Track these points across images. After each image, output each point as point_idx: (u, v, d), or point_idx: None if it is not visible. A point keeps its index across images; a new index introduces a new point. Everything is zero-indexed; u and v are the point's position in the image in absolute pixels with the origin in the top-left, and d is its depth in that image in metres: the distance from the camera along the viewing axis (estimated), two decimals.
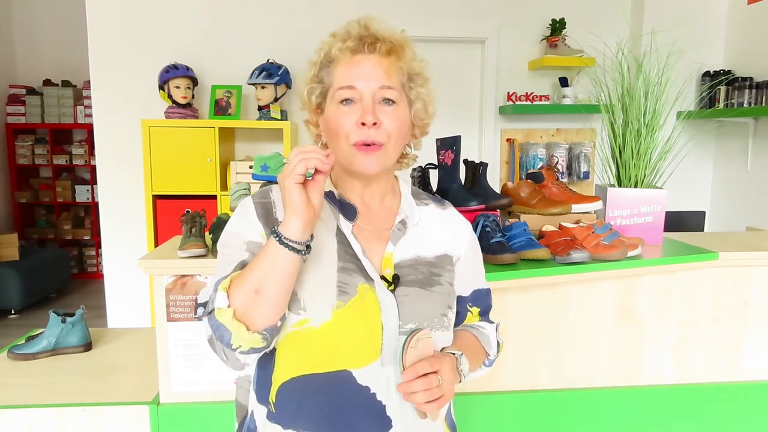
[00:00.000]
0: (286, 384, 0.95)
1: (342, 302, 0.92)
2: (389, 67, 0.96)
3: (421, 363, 0.89)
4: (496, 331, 1.15)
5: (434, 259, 1.03)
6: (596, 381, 1.82)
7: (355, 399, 0.93)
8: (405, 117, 0.99)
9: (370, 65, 0.95)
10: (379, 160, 0.96)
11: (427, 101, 1.03)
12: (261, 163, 1.76)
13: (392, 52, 0.97)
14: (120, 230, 3.73)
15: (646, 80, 1.88)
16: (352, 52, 0.96)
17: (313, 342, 0.92)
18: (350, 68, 0.95)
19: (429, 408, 0.89)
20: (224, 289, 0.89)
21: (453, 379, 0.93)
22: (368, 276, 0.96)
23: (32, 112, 5.74)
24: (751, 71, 3.55)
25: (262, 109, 3.48)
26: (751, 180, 3.64)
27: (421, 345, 0.91)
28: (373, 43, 0.95)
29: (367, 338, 0.93)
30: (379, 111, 0.95)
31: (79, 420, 1.59)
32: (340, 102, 0.95)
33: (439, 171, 1.85)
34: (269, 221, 0.97)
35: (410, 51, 0.99)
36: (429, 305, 0.98)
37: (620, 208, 1.91)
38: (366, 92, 0.94)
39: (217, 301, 0.89)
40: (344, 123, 0.95)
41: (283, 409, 0.95)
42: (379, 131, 0.94)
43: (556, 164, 3.88)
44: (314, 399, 0.93)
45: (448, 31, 3.81)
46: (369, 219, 1.02)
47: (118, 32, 3.59)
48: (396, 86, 0.96)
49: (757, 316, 1.87)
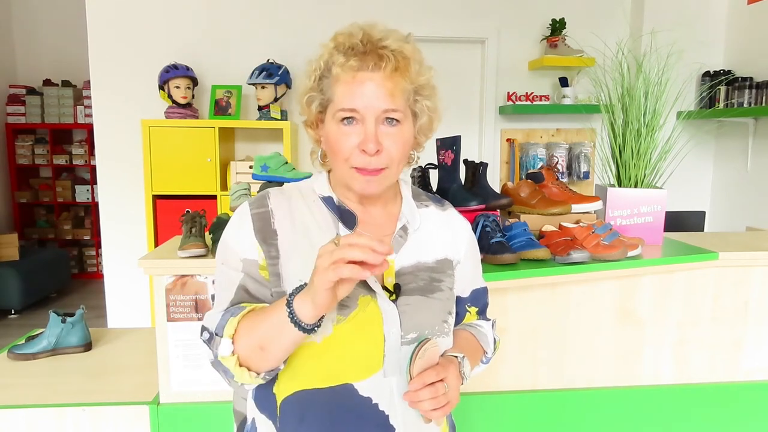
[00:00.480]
0: (288, 398, 0.94)
1: (342, 316, 0.90)
2: (394, 89, 0.89)
3: (428, 372, 0.88)
4: (493, 329, 1.15)
5: (435, 264, 1.01)
6: (596, 381, 1.82)
7: (357, 411, 0.92)
8: (408, 135, 0.94)
9: (374, 86, 0.88)
10: (379, 183, 0.93)
11: (433, 116, 0.98)
12: (261, 163, 1.76)
13: (397, 70, 0.89)
14: (120, 230, 3.73)
15: (646, 80, 1.88)
16: (354, 71, 0.89)
17: (315, 357, 0.91)
18: (352, 88, 0.89)
19: (435, 415, 0.89)
20: (229, 336, 0.89)
21: (458, 385, 0.93)
22: (369, 287, 0.93)
23: (32, 112, 5.74)
24: (751, 71, 3.55)
25: (262, 109, 3.48)
26: (751, 180, 3.64)
27: (428, 354, 0.91)
28: (377, 62, 0.88)
29: (368, 350, 0.92)
30: (382, 133, 0.90)
31: (79, 420, 1.59)
32: (341, 120, 0.91)
33: (439, 171, 1.85)
34: (266, 235, 0.94)
35: (416, 64, 0.93)
36: (430, 313, 0.98)
37: (620, 208, 1.91)
38: (368, 116, 0.89)
39: (221, 349, 0.89)
40: (344, 144, 0.90)
41: (285, 423, 0.95)
42: (381, 158, 0.90)
43: (556, 164, 3.88)
44: (316, 413, 0.93)
45: (448, 31, 3.81)
46: (369, 225, 0.99)
47: (118, 32, 3.59)
48: (400, 107, 0.91)
49: (757, 316, 1.87)
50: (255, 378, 0.90)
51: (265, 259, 0.94)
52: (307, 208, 0.98)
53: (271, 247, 0.94)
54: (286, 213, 0.97)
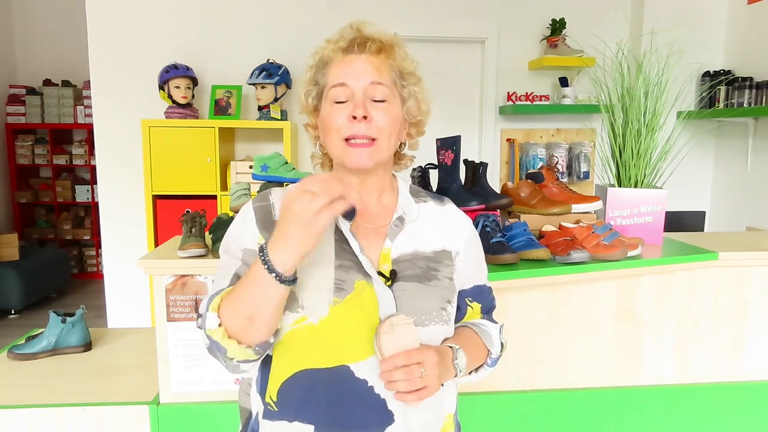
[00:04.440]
0: (287, 381, 0.96)
1: (339, 299, 0.93)
2: (380, 65, 0.98)
3: (400, 355, 0.88)
4: (500, 332, 1.15)
5: (432, 254, 1.03)
6: (596, 381, 1.82)
7: (354, 392, 0.94)
8: (397, 113, 1.00)
9: (361, 63, 0.97)
10: (371, 155, 0.98)
11: (420, 99, 1.04)
12: (261, 163, 1.76)
13: (382, 51, 0.99)
14: (120, 230, 3.73)
15: (646, 80, 1.88)
16: (344, 52, 0.98)
17: (312, 338, 0.93)
18: (342, 67, 0.98)
19: (409, 398, 0.89)
20: (214, 309, 0.91)
21: (440, 372, 0.92)
22: (365, 272, 0.96)
23: (32, 112, 5.74)
24: (751, 71, 3.55)
25: (262, 109, 3.48)
26: (751, 180, 3.64)
27: (398, 331, 0.90)
28: (363, 42, 0.98)
29: (364, 333, 0.93)
30: (371, 107, 0.97)
31: (79, 420, 1.59)
32: (334, 102, 0.98)
33: (439, 171, 1.85)
34: (267, 224, 0.98)
35: (401, 50, 1.02)
36: (427, 299, 0.99)
37: (620, 208, 1.91)
38: (357, 88, 0.97)
39: (207, 322, 0.91)
40: (336, 118, 0.97)
41: (285, 405, 0.96)
42: (370, 126, 0.96)
43: (556, 164, 3.88)
44: (315, 393, 0.94)
45: (448, 31, 3.81)
46: (366, 216, 1.03)
47: (118, 32, 3.59)
48: (387, 83, 0.98)
49: (757, 316, 1.87)
50: (246, 350, 0.91)
51: None
52: None
53: (271, 234, 0.96)
54: None
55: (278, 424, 0.97)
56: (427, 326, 0.97)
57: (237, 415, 1.14)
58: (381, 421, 0.95)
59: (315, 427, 0.94)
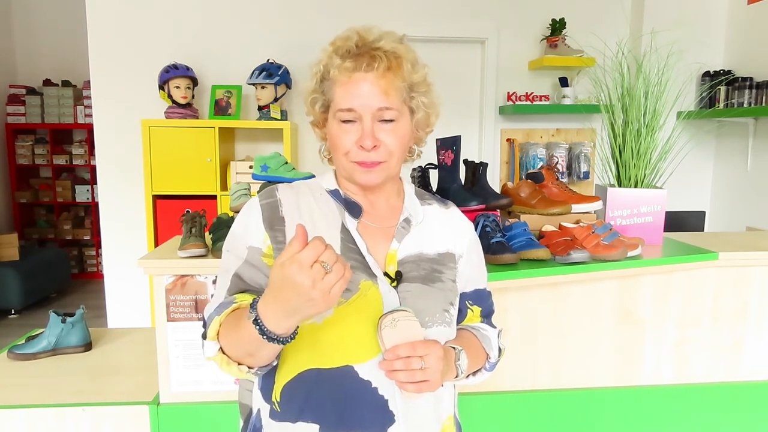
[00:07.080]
0: (291, 381, 0.96)
1: (344, 299, 0.93)
2: (387, 87, 0.94)
3: (403, 346, 0.89)
4: (499, 337, 1.15)
5: (436, 257, 1.04)
6: (596, 381, 1.82)
7: (358, 394, 0.94)
8: (406, 130, 0.99)
9: (368, 85, 0.94)
10: (380, 174, 0.98)
11: (430, 111, 1.02)
12: (261, 163, 1.76)
13: (390, 69, 0.95)
14: (120, 230, 3.73)
15: (646, 80, 1.88)
16: (350, 72, 0.94)
17: (316, 338, 0.93)
18: (349, 88, 0.94)
19: (410, 388, 0.89)
20: (212, 338, 0.90)
21: (442, 369, 0.92)
22: (371, 273, 0.97)
23: (32, 112, 5.74)
24: (751, 71, 3.55)
25: (262, 109, 3.48)
26: (751, 180, 3.64)
27: (400, 325, 0.90)
28: (371, 63, 0.94)
29: (369, 334, 0.93)
30: (379, 130, 0.95)
31: (79, 420, 1.59)
32: (341, 121, 0.96)
33: (439, 171, 1.85)
34: (274, 222, 0.98)
35: (409, 63, 0.97)
36: (430, 300, 0.99)
37: (620, 208, 1.91)
38: (365, 113, 0.94)
39: (206, 350, 0.91)
40: (345, 141, 0.96)
41: (289, 405, 0.96)
42: (379, 152, 0.95)
43: (556, 164, 3.88)
44: (319, 393, 0.94)
45: (448, 31, 3.81)
46: (373, 217, 1.03)
47: (118, 32, 3.59)
48: (395, 105, 0.95)
49: (757, 316, 1.87)
50: (247, 373, 0.91)
51: (271, 245, 0.97)
52: (314, 200, 1.03)
53: (277, 232, 0.98)
54: (293, 203, 1.01)
55: (282, 425, 0.97)
56: (430, 327, 0.98)
57: (237, 415, 1.14)
58: (382, 422, 0.95)
59: (320, 427, 0.94)
